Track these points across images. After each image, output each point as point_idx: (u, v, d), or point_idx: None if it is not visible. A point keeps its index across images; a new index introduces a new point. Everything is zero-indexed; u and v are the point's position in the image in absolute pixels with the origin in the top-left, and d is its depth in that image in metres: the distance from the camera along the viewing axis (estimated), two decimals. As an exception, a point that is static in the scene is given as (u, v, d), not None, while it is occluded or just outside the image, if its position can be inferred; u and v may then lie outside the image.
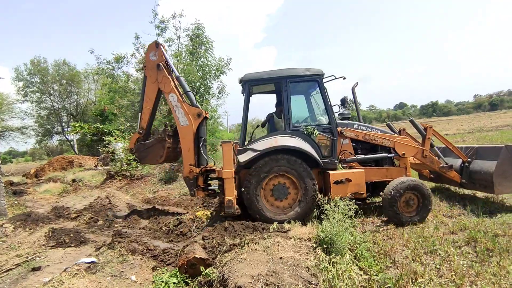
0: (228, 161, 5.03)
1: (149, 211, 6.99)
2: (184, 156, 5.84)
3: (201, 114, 5.81)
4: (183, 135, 5.86)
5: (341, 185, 5.18)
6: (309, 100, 6.34)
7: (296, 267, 3.12)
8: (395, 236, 4.48)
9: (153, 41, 6.30)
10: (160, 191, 9.11)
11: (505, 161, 5.15)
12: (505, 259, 3.50)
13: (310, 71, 5.58)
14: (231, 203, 4.93)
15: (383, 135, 5.80)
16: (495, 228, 4.35)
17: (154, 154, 6.21)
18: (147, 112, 6.29)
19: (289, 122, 5.49)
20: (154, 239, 4.87)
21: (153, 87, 6.17)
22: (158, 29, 11.58)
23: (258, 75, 5.63)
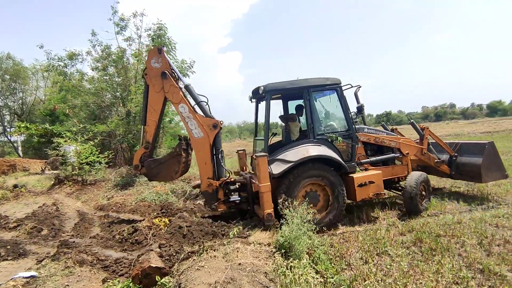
0: (265, 175, 4.89)
1: (101, 218, 6.55)
2: (201, 169, 5.46)
3: (217, 125, 5.43)
4: (198, 147, 5.45)
5: (365, 187, 5.48)
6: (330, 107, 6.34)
7: (255, 272, 3.10)
8: (351, 239, 4.68)
9: (155, 47, 5.69)
10: (115, 197, 8.59)
11: (489, 156, 6.24)
12: (445, 257, 3.81)
13: (329, 80, 5.76)
14: (271, 216, 4.85)
15: (390, 137, 6.42)
16: (437, 229, 4.72)
17: (169, 170, 5.73)
18: (152, 124, 5.65)
19: (314, 130, 5.59)
20: (106, 249, 4.55)
21: (158, 97, 5.59)
22: (117, 27, 11.06)
23: (280, 85, 5.62)
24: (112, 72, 11.67)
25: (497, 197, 6.28)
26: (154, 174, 5.84)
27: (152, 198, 7.95)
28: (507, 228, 4.57)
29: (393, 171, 6.26)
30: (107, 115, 11.59)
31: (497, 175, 6.41)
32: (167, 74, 5.48)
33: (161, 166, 5.75)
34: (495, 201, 6.06)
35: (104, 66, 11.52)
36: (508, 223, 4.73)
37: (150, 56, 5.64)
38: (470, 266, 3.58)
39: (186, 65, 10.94)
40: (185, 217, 5.55)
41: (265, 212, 4.81)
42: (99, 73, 11.76)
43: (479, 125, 37.12)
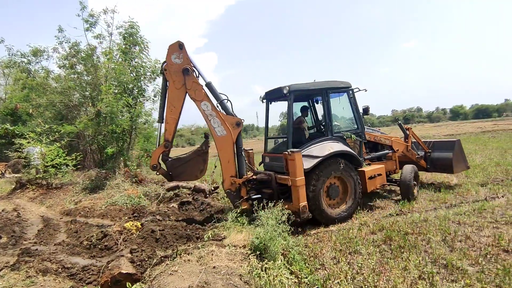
0: (300, 169, 5.13)
1: (68, 224, 6.21)
2: (224, 168, 5.45)
3: (240, 123, 5.51)
4: (222, 146, 5.45)
5: (373, 180, 6.22)
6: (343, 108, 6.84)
7: (230, 275, 3.07)
8: (324, 239, 4.77)
9: (176, 41, 5.43)
10: (84, 201, 8.17)
11: (458, 151, 7.42)
12: (413, 254, 3.98)
13: (343, 84, 6.40)
14: (306, 208, 5.21)
15: (385, 136, 7.33)
16: (406, 227, 4.93)
17: (194, 169, 5.60)
18: (172, 122, 5.44)
19: (331, 128, 6.13)
20: (72, 256, 4.31)
21: (178, 94, 5.41)
22: (86, 24, 10.56)
23: (302, 86, 6.05)
24: (81, 70, 11.14)
25: (459, 196, 6.67)
26: (177, 174, 5.65)
27: (124, 201, 7.65)
28: (468, 225, 4.86)
29: (386, 166, 7.04)
30: (75, 115, 11.04)
31: (463, 166, 7.62)
32: (189, 70, 5.36)
33: (185, 165, 5.60)
34: (457, 200, 6.43)
35: (72, 64, 10.96)
36: (468, 220, 5.03)
37: (170, 51, 5.41)
38: (435, 262, 3.77)
39: (160, 65, 10.64)
40: (158, 221, 5.41)
41: (301, 205, 5.15)
42: (67, 71, 11.18)
43: (443, 128, 39.44)
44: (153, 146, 12.13)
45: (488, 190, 6.84)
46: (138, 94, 10.55)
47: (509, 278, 3.22)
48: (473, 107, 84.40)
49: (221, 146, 5.47)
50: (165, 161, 5.59)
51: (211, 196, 8.02)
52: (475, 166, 9.39)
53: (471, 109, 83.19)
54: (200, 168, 5.65)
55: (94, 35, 10.75)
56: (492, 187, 7.04)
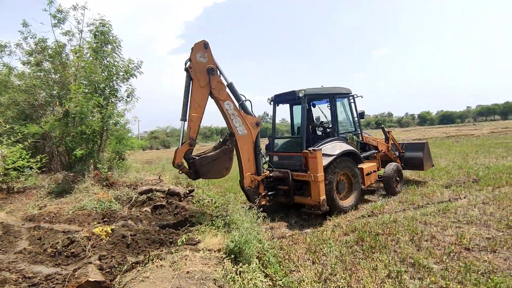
0: (321, 166, 5.75)
1: (31, 230, 5.83)
2: (244, 166, 5.73)
3: (259, 123, 5.86)
4: (243, 144, 5.69)
5: (369, 176, 7.02)
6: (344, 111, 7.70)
7: (204, 280, 3.02)
8: (299, 241, 4.83)
9: (201, 40, 5.45)
10: (49, 206, 7.70)
11: (426, 151, 8.67)
12: (383, 254, 4.13)
13: (345, 90, 7.25)
14: (325, 201, 5.80)
15: (373, 138, 8.23)
16: (376, 228, 5.11)
17: (221, 167, 5.57)
18: (197, 120, 5.39)
19: (337, 130, 6.86)
20: (34, 264, 4.04)
21: (203, 92, 5.42)
22: (54, 19, 10.01)
23: (315, 90, 6.67)
24: (48, 68, 10.54)
25: (426, 197, 7.01)
26: (205, 171, 5.56)
27: (93, 206, 7.30)
28: (433, 225, 5.12)
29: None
30: (40, 115, 10.41)
31: (430, 165, 8.93)
32: (214, 70, 5.47)
33: (212, 163, 5.56)
34: (424, 201, 6.76)
35: (37, 60, 10.35)
36: (434, 220, 5.30)
37: (195, 49, 5.44)
38: (403, 261, 3.93)
39: (134, 65, 10.31)
40: (129, 226, 5.23)
41: (321, 198, 5.71)
42: (32, 68, 10.54)
43: (412, 132, 41.42)
44: (126, 148, 11.74)
45: (452, 192, 7.25)
46: (110, 94, 10.14)
47: (470, 275, 3.42)
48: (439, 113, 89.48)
49: (242, 145, 5.71)
50: (189, 160, 5.49)
51: (186, 200, 7.87)
52: (440, 169, 9.93)
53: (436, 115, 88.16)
54: (226, 166, 5.66)
55: (63, 32, 10.23)
56: (455, 188, 7.47)
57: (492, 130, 31.95)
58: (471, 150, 15.10)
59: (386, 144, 8.49)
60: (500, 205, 5.85)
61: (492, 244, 4.20)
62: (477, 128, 38.80)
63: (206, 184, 10.12)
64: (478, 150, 14.60)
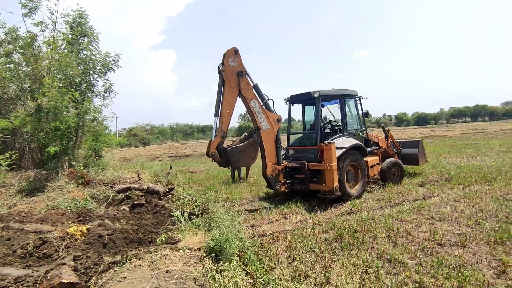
0: (334, 157, 6.61)
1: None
2: (267, 156, 6.64)
3: (280, 120, 6.82)
4: (266, 138, 6.63)
5: (373, 168, 7.97)
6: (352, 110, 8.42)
7: (184, 279, 2.97)
8: (280, 239, 4.86)
9: (232, 47, 6.37)
10: (19, 205, 7.32)
11: (421, 148, 9.63)
12: (361, 250, 4.23)
13: (353, 92, 8.18)
14: (338, 187, 6.61)
15: (375, 135, 9.10)
16: (355, 225, 5.23)
17: (248, 157, 6.66)
18: (227, 116, 6.36)
19: (346, 127, 7.79)
20: (3, 267, 3.83)
21: (233, 92, 6.37)
22: (25, 8, 9.49)
23: (328, 91, 7.60)
24: (19, 60, 10.00)
25: (402, 195, 7.26)
26: (235, 160, 6.56)
27: (67, 204, 7.01)
28: (408, 222, 5.31)
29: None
30: (10, 109, 9.86)
31: (424, 160, 9.85)
32: (243, 73, 6.39)
33: (241, 153, 6.53)
34: (400, 199, 7.00)
35: (7, 51, 9.79)
36: (409, 217, 5.49)
37: (227, 55, 6.33)
38: (380, 257, 4.04)
39: (111, 58, 9.96)
40: (106, 225, 5.06)
41: (335, 185, 6.55)
42: (1, 60, 9.96)
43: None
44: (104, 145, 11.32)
45: (426, 190, 7.55)
46: (86, 89, 9.77)
47: (442, 269, 3.58)
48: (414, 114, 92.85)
49: (266, 138, 6.64)
50: (220, 150, 6.39)
51: (165, 198, 7.73)
52: (415, 168, 10.31)
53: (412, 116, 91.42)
54: (252, 155, 6.75)
55: (35, 23, 9.72)
56: (429, 187, 7.78)
57: (463, 131, 33.58)
58: (444, 150, 15.78)
59: (386, 141, 9.29)
60: (470, 203, 6.15)
61: (462, 239, 4.40)
62: (449, 130, 40.68)
63: (186, 182, 9.98)
64: (450, 150, 15.29)
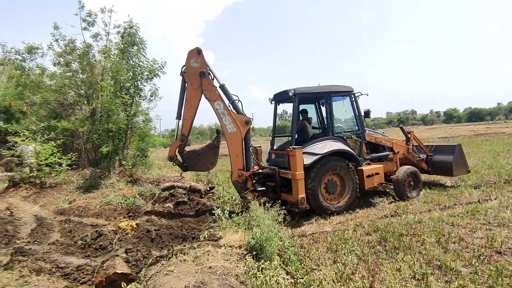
0: (300, 164, 5.67)
1: (62, 223, 6.15)
2: (233, 161, 6.08)
3: (249, 122, 6.10)
4: (232, 141, 6.07)
5: (371, 178, 6.59)
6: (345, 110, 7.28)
7: (226, 275, 3.07)
8: (320, 240, 4.78)
9: (195, 47, 6.13)
10: (78, 201, 8.09)
11: (458, 155, 7.70)
12: (407, 255, 4.02)
13: (346, 88, 6.86)
14: (304, 199, 5.72)
15: (386, 138, 7.64)
16: (400, 228, 4.97)
17: (206, 161, 6.27)
18: (189, 119, 6.16)
19: (332, 129, 6.59)
20: (66, 255, 4.27)
21: (195, 94, 6.11)
22: (84, 23, 10.48)
23: (307, 89, 6.55)
24: (76, 68, 11.04)
25: (453, 198, 6.74)
26: (191, 165, 6.34)
27: (118, 201, 7.60)
28: (461, 226, 4.92)
29: (386, 167, 7.29)
30: (69, 113, 10.93)
31: (463, 170, 7.85)
32: (205, 73, 6.04)
33: (199, 157, 6.27)
34: (451, 202, 6.50)
35: (67, 61, 10.86)
36: (462, 222, 5.09)
37: (190, 56, 6.10)
38: (429, 263, 3.80)
39: (157, 65, 10.62)
40: (153, 221, 5.39)
41: (299, 197, 5.66)
42: (62, 69, 11.07)
43: (436, 130, 39.85)
44: (149, 146, 12.09)
45: (481, 192, 6.93)
46: (135, 93, 10.49)
47: (502, 279, 3.27)
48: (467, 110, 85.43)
49: (231, 142, 6.08)
50: (181, 154, 6.23)
51: (206, 196, 8.01)
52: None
53: (464, 112, 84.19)
54: (211, 161, 6.28)
55: (92, 35, 10.69)
56: (485, 189, 7.13)
57: (526, 128, 30.14)
58: (503, 149, 14.33)
59: (405, 145, 7.86)
60: (535, 207, 5.53)
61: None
62: (508, 126, 36.70)
63: (226, 181, 10.23)
64: (510, 149, 13.84)
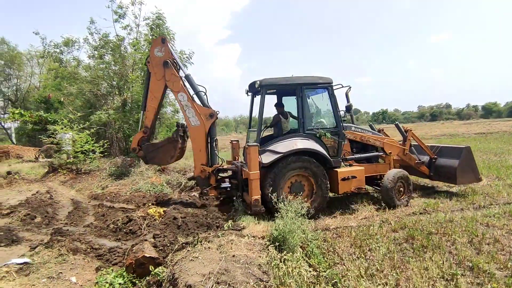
0: (255, 164, 5.15)
1: (95, 208, 6.54)
2: (196, 156, 5.81)
3: (213, 115, 5.77)
4: (194, 135, 5.79)
5: (347, 181, 5.85)
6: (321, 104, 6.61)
7: (249, 264, 3.13)
8: (344, 234, 4.72)
9: (159, 36, 6.02)
10: (110, 187, 8.55)
11: (465, 160, 6.53)
12: (436, 254, 3.87)
13: (322, 79, 6.03)
14: (258, 202, 5.16)
15: (375, 137, 6.77)
16: (429, 226, 4.78)
17: (165, 155, 6.08)
18: (152, 110, 5.99)
19: (304, 125, 5.86)
20: (99, 238, 4.55)
21: (159, 85, 5.90)
22: (115, 15, 10.89)
23: (275, 80, 5.88)
24: (108, 60, 11.53)
25: (489, 197, 6.36)
26: (151, 157, 6.16)
27: (147, 188, 7.93)
28: (497, 228, 4.65)
29: (376, 169, 6.59)
30: (102, 104, 11.48)
31: (471, 178, 6.66)
32: (169, 63, 5.73)
33: (158, 150, 6.07)
34: (486, 201, 6.14)
35: (100, 54, 11.37)
36: (498, 223, 4.80)
37: (154, 45, 5.87)
38: (460, 264, 3.64)
39: (185, 56, 10.84)
40: (179, 208, 5.57)
41: (252, 198, 5.13)
42: (96, 61, 11.61)
43: (473, 126, 37.47)
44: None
45: (522, 193, 6.48)
46: (163, 84, 10.80)
47: (541, 285, 3.07)
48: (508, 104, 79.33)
49: (194, 136, 5.77)
50: (142, 146, 6.10)
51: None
52: (507, 167, 8.90)
53: (505, 107, 78.13)
54: (171, 154, 6.04)
55: (122, 26, 11.07)
56: (526, 189, 6.65)
57: None
58: (548, 146, 13.24)
59: (399, 146, 6.90)
60: None
61: None
62: (557, 122, 33.74)
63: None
64: (557, 147, 12.76)
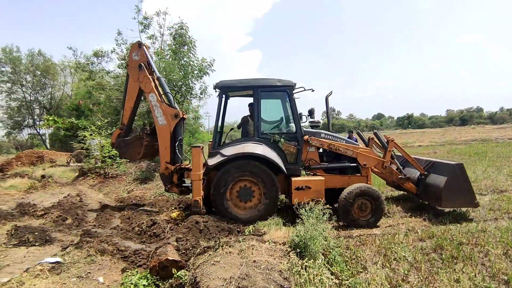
0: (197, 165, 5.39)
1: (122, 210, 6.77)
2: (161, 153, 6.07)
3: (178, 115, 5.97)
4: (160, 134, 6.05)
5: (301, 191, 5.48)
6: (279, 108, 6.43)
7: (270, 270, 3.11)
8: (368, 242, 4.59)
9: (136, 41, 6.49)
10: (135, 191, 8.85)
11: (454, 179, 5.39)
12: (467, 266, 3.67)
13: (281, 82, 5.90)
14: (197, 203, 5.36)
15: (347, 146, 6.08)
16: (460, 236, 4.55)
17: (133, 151, 6.47)
18: (128, 109, 6.45)
19: (258, 129, 5.81)
20: (125, 240, 4.70)
21: (134, 86, 6.31)
22: (141, 26, 11.37)
23: (232, 82, 6.00)
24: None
25: (526, 206, 5.95)
26: (122, 152, 6.71)
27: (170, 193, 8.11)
28: (536, 239, 4.34)
29: (349, 181, 5.93)
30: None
31: (462, 201, 5.53)
32: (142, 66, 6.14)
33: (128, 146, 6.50)
34: (523, 211, 5.75)
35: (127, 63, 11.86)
36: (537, 234, 4.48)
37: (132, 49, 6.39)
38: (494, 277, 3.43)
39: (206, 63, 11.10)
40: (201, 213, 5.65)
41: (193, 199, 5.38)
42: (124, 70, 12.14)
43: (508, 130, 35.34)
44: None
45: None
46: (186, 91, 11.08)
47: None
48: (547, 107, 74.22)
49: (160, 134, 6.06)
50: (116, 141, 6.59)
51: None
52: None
53: (544, 110, 73.30)
54: (138, 151, 6.42)
55: (148, 36, 11.53)
56: None
57: None
58: None
59: (376, 157, 6.14)
60: None
61: None
62: None
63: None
64: None
